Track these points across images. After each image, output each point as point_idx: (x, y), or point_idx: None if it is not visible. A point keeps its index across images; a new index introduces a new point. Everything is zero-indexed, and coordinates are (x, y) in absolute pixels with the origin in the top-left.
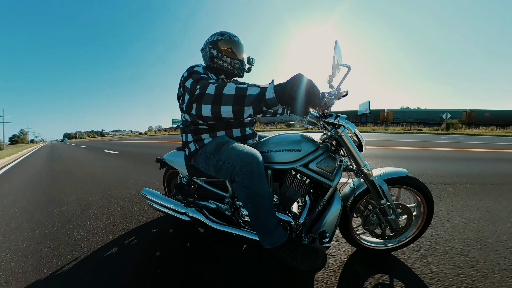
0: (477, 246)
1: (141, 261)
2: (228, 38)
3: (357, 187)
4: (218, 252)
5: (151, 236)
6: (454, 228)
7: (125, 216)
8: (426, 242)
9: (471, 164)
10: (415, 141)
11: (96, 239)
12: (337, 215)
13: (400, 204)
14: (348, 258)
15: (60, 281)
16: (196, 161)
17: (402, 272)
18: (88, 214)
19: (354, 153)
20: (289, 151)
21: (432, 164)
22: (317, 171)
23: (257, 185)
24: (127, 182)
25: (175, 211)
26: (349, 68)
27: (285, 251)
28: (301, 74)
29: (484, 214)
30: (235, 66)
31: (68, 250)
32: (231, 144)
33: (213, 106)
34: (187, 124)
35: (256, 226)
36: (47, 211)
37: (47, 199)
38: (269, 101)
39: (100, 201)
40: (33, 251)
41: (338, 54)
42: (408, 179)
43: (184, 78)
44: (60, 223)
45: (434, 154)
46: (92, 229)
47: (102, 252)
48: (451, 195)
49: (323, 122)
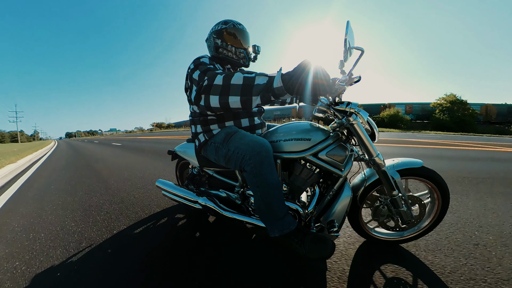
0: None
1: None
2: (232, 27)
3: (368, 177)
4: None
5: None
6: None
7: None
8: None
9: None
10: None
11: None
12: (346, 205)
13: (413, 196)
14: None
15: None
16: (206, 151)
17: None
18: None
19: (366, 142)
20: (298, 140)
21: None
22: (326, 161)
23: (266, 174)
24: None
25: (188, 199)
26: (362, 51)
27: (293, 238)
28: (309, 60)
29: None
30: (240, 56)
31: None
32: (240, 134)
33: (221, 96)
34: (195, 116)
35: (265, 214)
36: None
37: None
38: (277, 90)
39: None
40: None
41: (350, 36)
42: (423, 170)
43: (191, 70)
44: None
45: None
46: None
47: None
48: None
49: (334, 110)
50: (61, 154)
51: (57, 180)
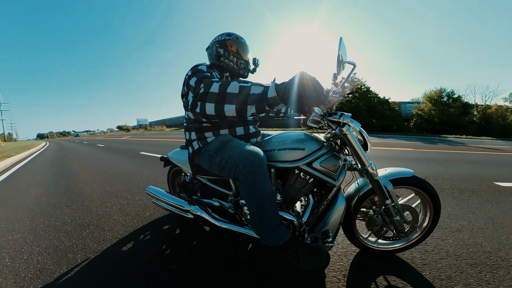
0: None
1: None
2: (235, 39)
3: (362, 187)
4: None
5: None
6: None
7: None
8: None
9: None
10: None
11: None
12: (341, 215)
13: (406, 205)
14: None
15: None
16: (200, 159)
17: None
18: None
19: (359, 152)
20: (292, 150)
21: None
22: (320, 170)
23: (260, 183)
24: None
25: (179, 208)
26: (354, 66)
27: (287, 250)
28: (304, 72)
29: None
30: (240, 66)
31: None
32: (234, 142)
33: (217, 104)
34: (190, 122)
35: (258, 225)
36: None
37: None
38: (271, 100)
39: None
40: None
41: (343, 51)
42: (414, 180)
43: (188, 77)
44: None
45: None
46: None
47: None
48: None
49: (328, 120)
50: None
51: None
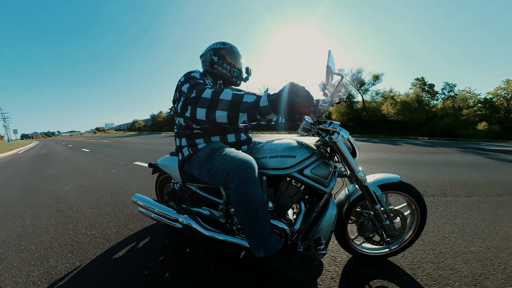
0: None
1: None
2: (229, 48)
3: (352, 193)
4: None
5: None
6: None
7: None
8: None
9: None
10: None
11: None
12: (332, 222)
13: (394, 210)
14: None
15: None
16: (190, 166)
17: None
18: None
19: (348, 159)
20: (283, 157)
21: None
22: (311, 177)
23: (251, 191)
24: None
25: (167, 218)
26: (342, 77)
27: (280, 259)
28: (294, 83)
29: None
30: (233, 74)
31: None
32: (225, 150)
33: (208, 110)
34: (181, 128)
35: (250, 234)
36: None
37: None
38: (263, 109)
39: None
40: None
41: (332, 63)
42: (401, 185)
43: (181, 83)
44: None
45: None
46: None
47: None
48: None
49: (318, 128)
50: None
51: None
